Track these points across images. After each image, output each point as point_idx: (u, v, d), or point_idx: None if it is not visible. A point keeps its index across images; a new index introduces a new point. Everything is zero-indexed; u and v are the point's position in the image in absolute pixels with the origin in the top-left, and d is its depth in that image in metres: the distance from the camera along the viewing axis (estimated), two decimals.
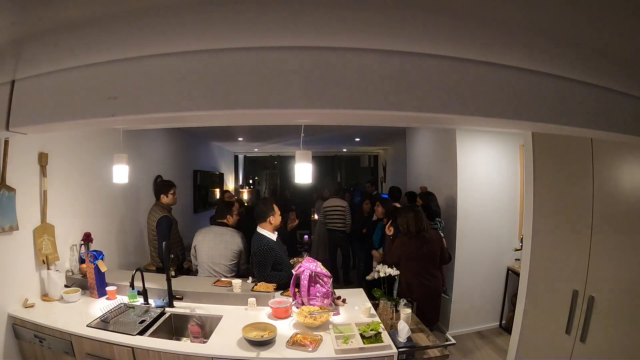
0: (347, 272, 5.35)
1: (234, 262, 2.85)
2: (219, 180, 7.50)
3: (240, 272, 2.92)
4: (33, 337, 2.07)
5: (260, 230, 2.65)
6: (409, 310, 2.20)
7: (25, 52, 1.03)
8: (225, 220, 2.99)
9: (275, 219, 2.67)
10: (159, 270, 3.11)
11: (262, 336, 1.87)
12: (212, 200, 6.63)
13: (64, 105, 1.14)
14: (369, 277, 3.09)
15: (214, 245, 2.84)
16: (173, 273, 2.66)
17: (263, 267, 2.56)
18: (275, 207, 2.71)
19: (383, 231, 3.85)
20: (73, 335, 1.97)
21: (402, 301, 2.30)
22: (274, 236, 2.67)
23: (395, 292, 3.06)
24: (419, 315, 2.54)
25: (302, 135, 2.07)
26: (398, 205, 4.38)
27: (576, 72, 1.10)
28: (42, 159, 2.38)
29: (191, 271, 3.17)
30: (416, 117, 1.22)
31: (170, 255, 2.83)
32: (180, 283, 2.58)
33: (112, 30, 0.92)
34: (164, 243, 2.51)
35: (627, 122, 1.19)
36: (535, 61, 1.04)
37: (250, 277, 2.63)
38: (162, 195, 3.24)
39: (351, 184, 10.04)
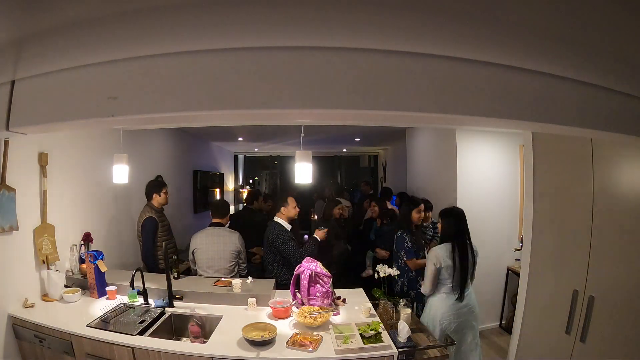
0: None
1: (233, 262, 2.85)
2: (219, 180, 7.50)
3: (240, 272, 2.92)
4: (33, 337, 2.07)
5: (276, 218, 2.90)
6: (409, 310, 2.20)
7: (25, 52, 1.03)
8: (222, 221, 2.99)
9: (288, 210, 2.89)
10: (150, 271, 3.07)
11: (262, 336, 1.87)
12: (212, 201, 6.63)
13: (64, 105, 1.14)
14: (364, 274, 3.10)
15: (213, 247, 2.83)
16: (176, 274, 2.66)
17: (293, 249, 2.77)
18: (290, 200, 2.91)
19: (379, 229, 3.90)
20: (73, 335, 1.97)
21: (402, 301, 2.30)
22: (288, 227, 2.89)
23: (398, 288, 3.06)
24: None
25: (302, 135, 2.07)
26: (389, 204, 4.46)
27: (577, 73, 1.10)
28: (42, 159, 2.38)
29: (191, 272, 3.16)
30: (416, 117, 1.22)
31: (174, 256, 2.84)
32: (180, 283, 2.58)
33: (112, 30, 0.92)
34: (164, 243, 2.51)
35: (627, 122, 1.19)
36: (535, 61, 1.04)
37: (249, 277, 2.63)
38: (154, 195, 3.17)
39: (351, 184, 10.03)
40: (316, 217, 5.77)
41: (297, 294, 2.33)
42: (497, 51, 1.01)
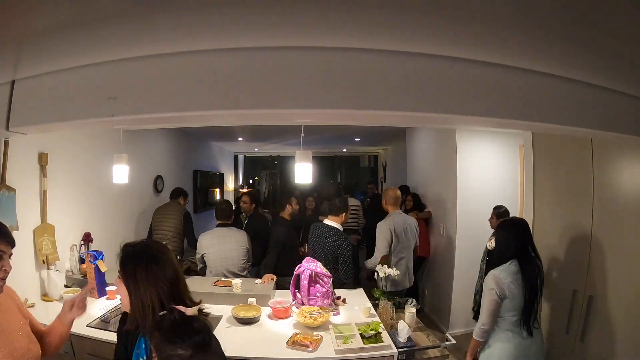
0: (358, 272, 5.24)
1: (244, 259, 2.88)
2: (219, 180, 7.50)
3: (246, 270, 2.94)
4: None
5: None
6: (413, 310, 2.20)
7: (25, 52, 1.03)
8: (230, 222, 3.01)
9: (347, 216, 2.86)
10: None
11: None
12: (213, 201, 6.63)
13: (63, 105, 1.14)
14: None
15: (225, 247, 2.82)
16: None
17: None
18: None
19: None
20: (73, 335, 1.96)
21: (411, 301, 2.29)
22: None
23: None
24: None
25: (302, 135, 2.07)
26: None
27: (576, 72, 1.10)
28: (42, 159, 2.38)
29: (192, 271, 3.17)
30: (416, 117, 1.22)
31: (178, 257, 2.87)
32: None
33: (112, 30, 0.92)
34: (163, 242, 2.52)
35: (627, 122, 1.19)
36: (535, 61, 1.04)
37: (257, 279, 2.65)
38: (180, 197, 3.69)
39: (351, 184, 10.02)
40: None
41: (297, 294, 2.33)
42: (497, 51, 1.01)
